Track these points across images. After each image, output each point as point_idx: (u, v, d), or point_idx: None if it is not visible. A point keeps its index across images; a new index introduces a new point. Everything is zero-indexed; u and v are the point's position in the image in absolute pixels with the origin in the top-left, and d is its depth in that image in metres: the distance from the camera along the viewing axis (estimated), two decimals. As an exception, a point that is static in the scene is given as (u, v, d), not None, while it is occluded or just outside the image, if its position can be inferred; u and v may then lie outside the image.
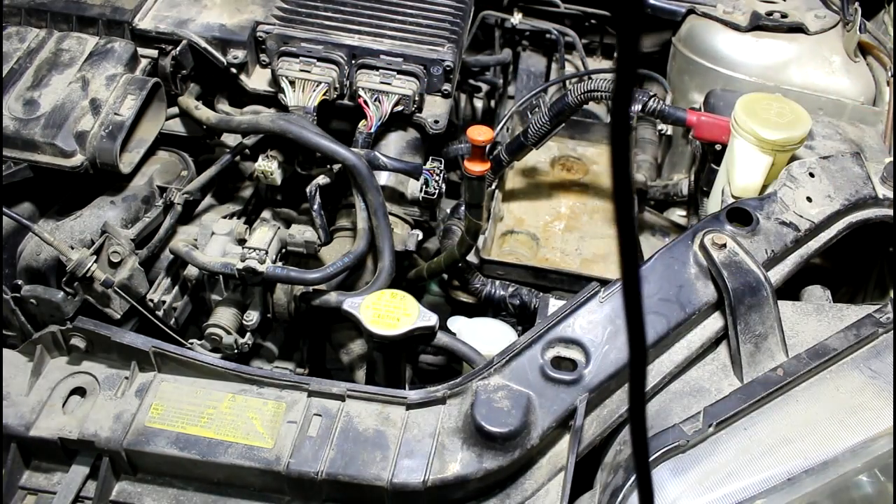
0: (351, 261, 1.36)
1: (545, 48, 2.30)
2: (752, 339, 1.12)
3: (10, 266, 1.39)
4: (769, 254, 1.22)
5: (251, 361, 1.57)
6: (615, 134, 0.49)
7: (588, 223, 1.80)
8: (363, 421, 1.11)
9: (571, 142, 2.00)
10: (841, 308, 1.22)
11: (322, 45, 1.50)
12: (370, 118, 1.48)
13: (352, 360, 1.49)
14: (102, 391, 1.15)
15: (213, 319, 1.41)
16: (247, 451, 1.08)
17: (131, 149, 1.45)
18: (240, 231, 1.45)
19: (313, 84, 1.47)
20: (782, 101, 1.42)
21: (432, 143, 1.63)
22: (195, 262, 1.35)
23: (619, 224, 0.52)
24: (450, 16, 1.62)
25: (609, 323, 1.15)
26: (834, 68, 1.77)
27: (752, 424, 1.05)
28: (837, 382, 1.09)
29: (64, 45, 1.48)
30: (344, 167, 1.39)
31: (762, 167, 1.37)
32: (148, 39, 1.54)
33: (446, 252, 1.57)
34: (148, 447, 1.09)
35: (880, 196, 1.33)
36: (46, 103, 1.38)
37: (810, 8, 1.89)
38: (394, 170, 1.47)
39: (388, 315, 1.18)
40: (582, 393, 1.09)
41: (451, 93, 1.55)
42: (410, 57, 1.50)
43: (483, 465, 1.06)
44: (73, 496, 1.09)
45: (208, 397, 1.14)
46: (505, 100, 2.35)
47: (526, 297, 1.60)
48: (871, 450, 1.00)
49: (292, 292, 1.41)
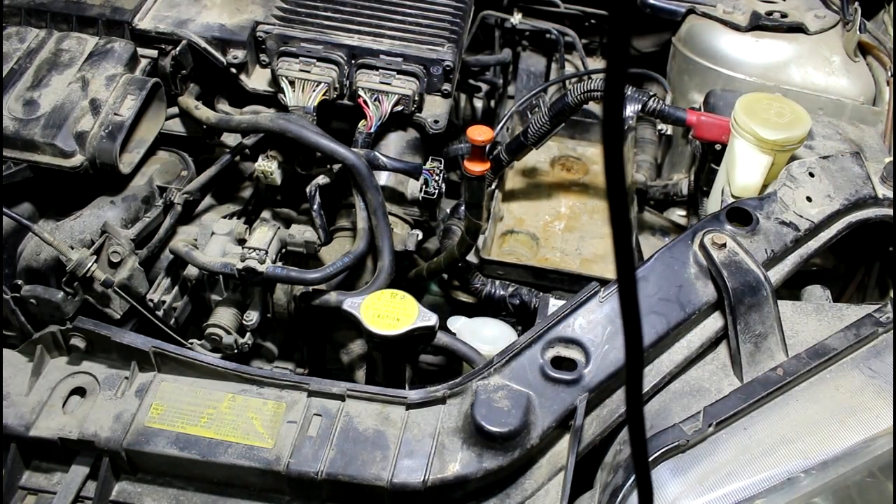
0: (350, 261, 1.36)
1: (545, 48, 2.30)
2: (751, 338, 1.12)
3: (9, 266, 1.39)
4: (769, 253, 1.22)
5: (251, 361, 1.57)
6: (608, 130, 0.49)
7: (588, 223, 1.80)
8: (363, 421, 1.11)
9: (571, 142, 2.00)
10: (841, 308, 1.22)
11: (322, 45, 1.50)
12: (370, 118, 1.48)
13: (352, 360, 1.49)
14: (102, 391, 1.15)
15: (213, 319, 1.41)
16: (247, 451, 1.08)
17: (131, 149, 1.45)
18: (240, 231, 1.45)
19: (313, 84, 1.47)
20: (782, 100, 1.42)
21: (432, 143, 1.63)
22: (195, 262, 1.35)
23: (613, 218, 0.52)
24: (450, 15, 1.62)
25: (609, 323, 1.15)
26: (834, 68, 1.77)
27: (751, 424, 1.05)
28: (837, 382, 1.09)
29: (64, 45, 1.48)
30: (344, 167, 1.39)
31: (762, 167, 1.37)
32: (148, 39, 1.54)
33: (446, 252, 1.57)
34: (148, 447, 1.09)
35: (880, 196, 1.33)
36: (46, 103, 1.38)
37: (810, 8, 1.88)
38: (393, 170, 1.47)
39: (387, 315, 1.18)
40: (582, 393, 1.09)
41: (451, 93, 1.55)
42: (410, 57, 1.50)
43: (483, 465, 1.06)
44: (72, 496, 1.09)
45: (208, 397, 1.14)
46: (505, 100, 2.35)
47: (526, 297, 1.60)
48: (871, 450, 1.00)
49: (292, 292, 1.41)
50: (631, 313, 0.55)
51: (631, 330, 0.56)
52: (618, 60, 0.47)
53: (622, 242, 0.52)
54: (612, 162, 0.49)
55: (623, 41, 0.47)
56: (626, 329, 0.57)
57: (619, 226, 0.52)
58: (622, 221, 0.51)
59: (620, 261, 0.53)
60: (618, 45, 0.46)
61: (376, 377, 1.30)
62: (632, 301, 0.55)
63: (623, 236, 0.52)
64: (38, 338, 1.18)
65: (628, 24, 0.47)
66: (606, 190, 0.51)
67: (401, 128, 1.59)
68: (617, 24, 0.47)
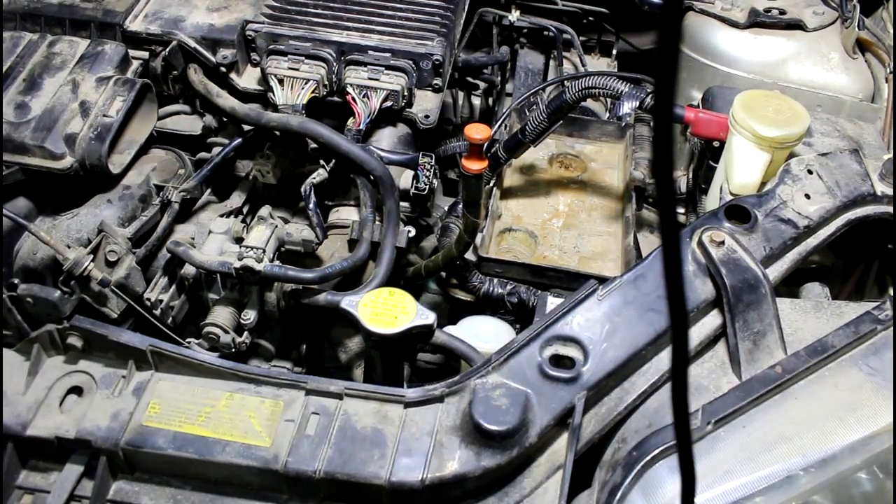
0: (350, 265, 1.36)
1: (543, 45, 2.30)
2: (750, 336, 1.12)
3: (6, 265, 1.39)
4: (767, 251, 1.22)
5: (249, 360, 1.57)
6: (658, 138, 0.48)
7: (586, 220, 1.80)
8: (361, 419, 1.10)
9: (569, 139, 2.00)
10: (839, 305, 1.22)
11: (310, 43, 1.50)
12: (358, 114, 1.47)
13: (350, 359, 1.49)
14: (99, 390, 1.14)
15: (211, 318, 1.40)
16: (244, 449, 1.08)
17: (122, 150, 1.45)
18: (237, 229, 1.45)
19: (302, 82, 1.46)
20: (780, 97, 1.42)
21: (424, 139, 1.63)
22: (192, 260, 1.35)
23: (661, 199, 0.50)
24: (440, 10, 1.61)
25: (607, 321, 1.14)
26: (832, 65, 1.77)
27: (750, 422, 1.05)
28: (836, 380, 1.09)
29: (56, 48, 1.48)
30: (371, 175, 1.39)
31: (760, 164, 1.37)
32: (139, 41, 1.54)
33: (444, 250, 1.56)
34: (145, 446, 1.08)
35: (879, 193, 1.32)
36: (37, 106, 1.39)
37: (808, 4, 1.88)
38: (390, 163, 1.47)
39: (386, 313, 1.18)
40: (580, 391, 1.09)
41: (443, 87, 1.54)
42: (399, 52, 1.50)
43: (481, 464, 1.05)
44: (67, 495, 1.08)
45: (206, 396, 1.13)
46: (503, 97, 2.35)
47: (524, 295, 1.60)
48: (870, 447, 1.00)
49: (282, 289, 1.41)
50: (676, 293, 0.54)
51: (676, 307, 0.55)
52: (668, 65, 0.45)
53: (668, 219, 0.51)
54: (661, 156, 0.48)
55: (673, 49, 0.46)
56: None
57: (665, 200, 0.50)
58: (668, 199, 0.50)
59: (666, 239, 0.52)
60: (667, 54, 0.45)
61: (374, 375, 1.30)
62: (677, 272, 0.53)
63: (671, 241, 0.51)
64: (34, 337, 1.17)
65: (677, 34, 0.46)
66: (659, 221, 0.51)
67: (392, 123, 1.58)
68: (666, 35, 0.46)
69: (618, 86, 1.52)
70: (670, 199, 0.53)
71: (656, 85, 0.47)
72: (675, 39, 0.46)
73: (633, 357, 1.11)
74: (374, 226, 1.42)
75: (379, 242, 1.41)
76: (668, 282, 0.54)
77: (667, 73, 0.47)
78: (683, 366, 0.60)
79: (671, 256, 0.53)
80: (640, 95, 1.51)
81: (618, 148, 1.98)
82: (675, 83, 0.47)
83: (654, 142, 0.50)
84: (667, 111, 0.49)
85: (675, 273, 0.54)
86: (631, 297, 1.16)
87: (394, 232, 1.40)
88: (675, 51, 0.47)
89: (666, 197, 0.51)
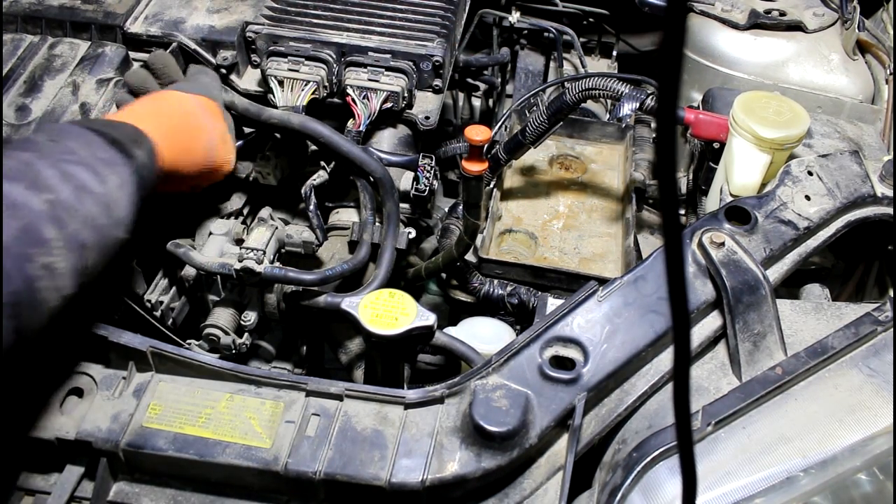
0: (350, 268, 1.36)
1: (543, 47, 2.30)
2: (750, 337, 1.12)
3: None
4: (767, 252, 1.22)
5: (249, 361, 1.57)
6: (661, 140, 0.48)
7: (586, 222, 1.80)
8: (361, 420, 1.10)
9: (570, 140, 2.00)
10: (840, 306, 1.22)
11: (310, 44, 1.50)
12: (358, 116, 1.47)
13: (350, 360, 1.49)
14: (100, 391, 1.14)
15: (211, 319, 1.40)
16: (245, 451, 1.08)
17: (121, 151, 1.45)
18: (237, 231, 1.44)
19: (302, 83, 1.46)
20: (781, 99, 1.42)
21: (424, 140, 1.63)
22: (192, 262, 1.35)
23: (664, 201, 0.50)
24: (440, 11, 1.61)
25: (607, 322, 1.14)
26: (832, 66, 1.77)
27: (750, 423, 1.05)
28: (836, 381, 1.09)
29: (56, 50, 1.49)
30: (371, 177, 1.39)
31: (760, 165, 1.37)
32: (139, 43, 1.54)
33: (444, 251, 1.56)
34: (146, 447, 1.08)
35: (879, 194, 1.33)
36: (38, 109, 1.39)
37: (809, 6, 1.88)
38: (390, 164, 1.47)
39: (386, 314, 1.18)
40: (580, 392, 1.09)
41: (443, 88, 1.54)
42: (399, 53, 1.50)
43: (481, 465, 1.05)
44: (67, 496, 1.08)
45: (206, 397, 1.13)
46: (503, 99, 2.35)
47: (524, 296, 1.60)
48: (870, 448, 1.00)
49: (283, 291, 1.41)
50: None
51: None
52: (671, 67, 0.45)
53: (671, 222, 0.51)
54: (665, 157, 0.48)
55: (677, 51, 0.46)
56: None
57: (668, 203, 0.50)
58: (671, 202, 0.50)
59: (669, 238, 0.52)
60: (671, 54, 0.45)
61: (374, 377, 1.30)
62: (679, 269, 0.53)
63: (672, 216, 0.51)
64: (35, 338, 1.17)
65: (682, 35, 0.46)
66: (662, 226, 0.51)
67: (392, 125, 1.58)
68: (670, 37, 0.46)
69: (618, 87, 1.52)
70: (673, 201, 0.52)
71: (659, 87, 0.48)
72: (678, 41, 0.46)
73: (633, 358, 1.11)
74: (375, 227, 1.42)
75: (379, 244, 1.41)
76: (670, 283, 0.54)
77: (670, 74, 0.47)
78: (685, 367, 0.60)
79: (674, 258, 0.53)
80: (641, 97, 1.51)
81: (618, 149, 1.98)
82: (679, 85, 0.47)
83: (658, 144, 0.50)
84: (670, 113, 0.49)
85: (678, 274, 0.54)
86: (631, 298, 1.16)
87: (394, 233, 1.40)
88: (678, 52, 0.47)
89: (669, 199, 0.51)
